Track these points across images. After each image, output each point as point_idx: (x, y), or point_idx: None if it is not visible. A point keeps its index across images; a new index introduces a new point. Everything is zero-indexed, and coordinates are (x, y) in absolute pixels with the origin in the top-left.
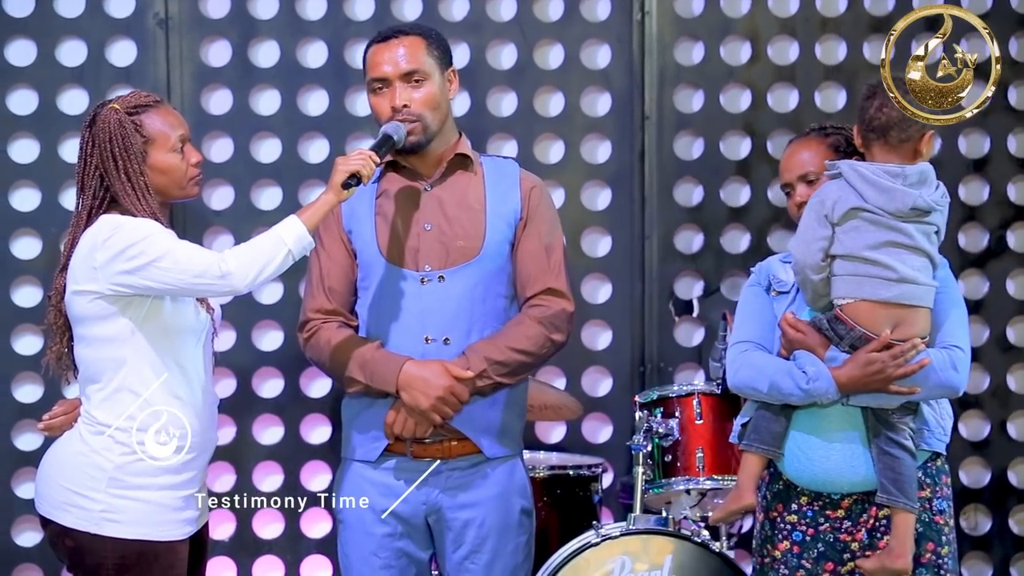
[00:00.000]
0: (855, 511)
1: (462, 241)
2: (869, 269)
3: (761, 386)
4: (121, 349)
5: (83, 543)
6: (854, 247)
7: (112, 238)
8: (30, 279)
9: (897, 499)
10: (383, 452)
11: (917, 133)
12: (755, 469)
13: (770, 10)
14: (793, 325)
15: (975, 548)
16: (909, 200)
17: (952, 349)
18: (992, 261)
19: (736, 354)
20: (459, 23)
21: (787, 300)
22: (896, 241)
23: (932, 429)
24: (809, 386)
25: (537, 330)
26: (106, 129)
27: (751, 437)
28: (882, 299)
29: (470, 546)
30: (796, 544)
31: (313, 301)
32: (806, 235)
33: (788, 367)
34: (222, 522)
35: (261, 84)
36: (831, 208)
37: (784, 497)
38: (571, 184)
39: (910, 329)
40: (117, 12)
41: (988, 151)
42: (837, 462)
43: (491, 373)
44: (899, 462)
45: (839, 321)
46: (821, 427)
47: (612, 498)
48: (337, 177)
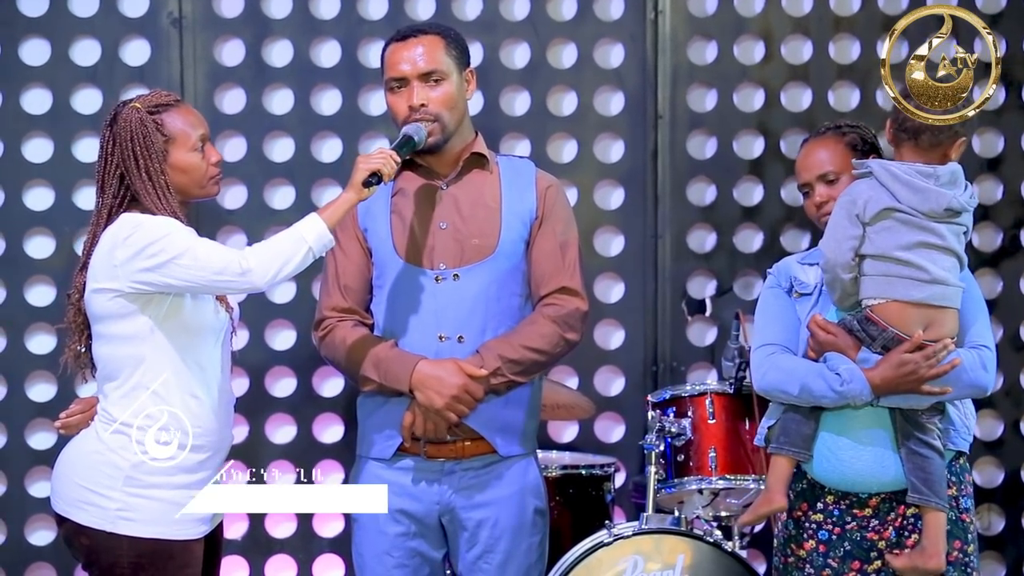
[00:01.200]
0: (883, 510)
1: (477, 240)
2: (901, 270)
3: (792, 389)
4: (140, 347)
5: (99, 541)
6: (886, 247)
7: (133, 236)
8: (44, 278)
9: (929, 498)
10: (397, 451)
11: (949, 139)
12: (785, 472)
13: (784, 9)
14: (823, 327)
15: (988, 548)
16: (944, 201)
17: (981, 349)
18: (1006, 260)
19: (763, 357)
20: (472, 22)
21: (810, 302)
22: (928, 242)
23: (958, 429)
24: (843, 388)
25: (551, 329)
26: (127, 128)
27: (780, 440)
28: (913, 300)
29: (484, 546)
30: (822, 543)
31: (329, 299)
32: (837, 233)
33: (820, 369)
34: (235, 521)
35: (275, 83)
36: (863, 207)
37: (808, 496)
38: (584, 183)
39: (940, 330)
40: (131, 11)
41: (1002, 150)
42: (867, 463)
43: (505, 371)
44: (929, 462)
45: (870, 322)
46: (850, 428)
47: (624, 498)
48: (358, 175)
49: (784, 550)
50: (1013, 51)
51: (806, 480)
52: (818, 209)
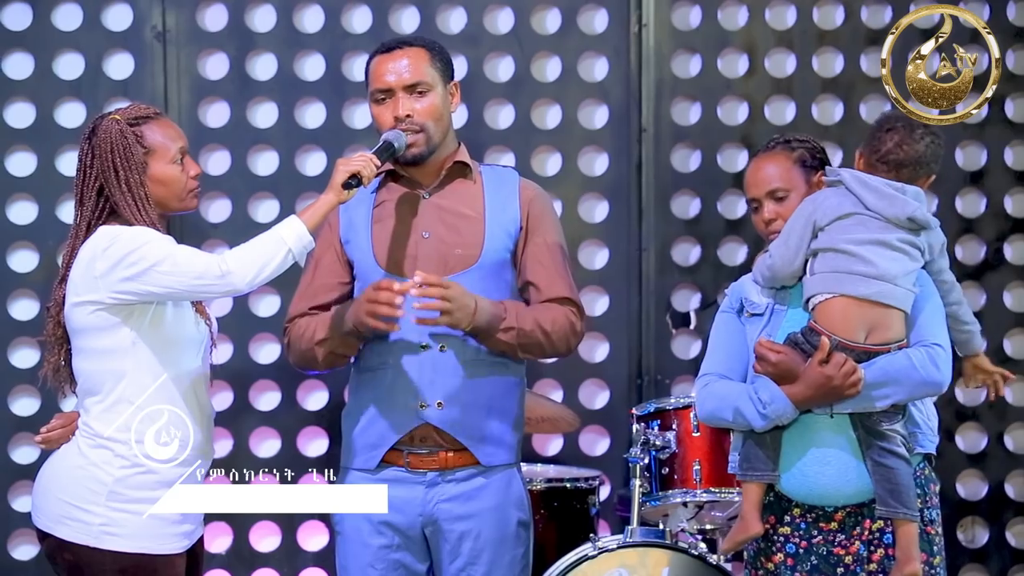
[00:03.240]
0: (848, 524)
1: (460, 249)
2: (849, 264)
3: (727, 415)
4: (121, 361)
5: (82, 557)
6: (836, 240)
7: (112, 247)
8: (27, 292)
9: (897, 510)
10: (381, 462)
11: (924, 174)
12: (756, 497)
13: (767, 23)
14: (771, 349)
15: (973, 560)
16: (909, 209)
17: (932, 347)
18: (989, 273)
19: (700, 387)
20: (457, 35)
21: (761, 323)
22: (883, 240)
23: (923, 430)
24: (766, 410)
25: (565, 322)
26: (107, 139)
27: (744, 467)
28: (860, 295)
29: (466, 558)
30: (790, 556)
31: (293, 311)
32: (791, 240)
33: (749, 393)
34: (219, 535)
35: (259, 97)
36: (822, 213)
37: (776, 509)
38: (568, 196)
39: (885, 333)
40: (115, 25)
41: (985, 163)
42: (832, 476)
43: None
44: (895, 472)
45: (814, 332)
46: (813, 442)
47: (609, 511)
48: (338, 177)
49: (755, 563)
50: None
51: (773, 493)
52: (766, 225)
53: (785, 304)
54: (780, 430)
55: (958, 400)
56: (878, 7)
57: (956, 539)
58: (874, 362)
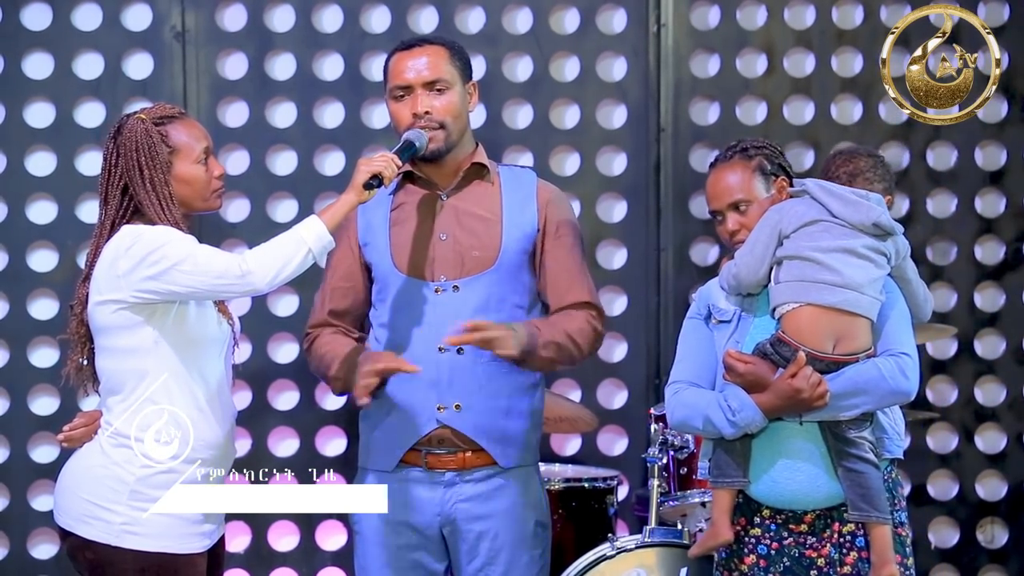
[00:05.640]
0: (818, 527)
1: (477, 251)
2: (815, 272)
3: (697, 423)
4: (144, 360)
5: (104, 555)
6: (801, 248)
7: (134, 247)
8: (47, 292)
9: (869, 513)
10: (399, 463)
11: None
12: (727, 503)
13: (786, 22)
14: (739, 359)
15: (992, 561)
16: (874, 215)
17: (900, 356)
18: (1008, 274)
19: (670, 395)
20: (475, 35)
21: (728, 330)
22: (848, 247)
23: (891, 436)
24: (735, 418)
25: (590, 329)
26: (132, 139)
27: (715, 474)
28: (826, 304)
29: (484, 558)
30: (762, 558)
31: (314, 318)
32: (756, 250)
33: (718, 401)
34: (237, 534)
35: (277, 97)
36: (788, 222)
37: (746, 511)
38: (587, 196)
39: (852, 343)
40: (134, 25)
41: (1005, 163)
42: (802, 483)
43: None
44: (865, 477)
45: (782, 343)
46: (784, 449)
47: (627, 511)
48: (359, 177)
49: (727, 565)
50: (1016, 63)
51: (742, 495)
52: (731, 236)
53: (752, 312)
54: (750, 437)
55: (977, 401)
56: (897, 6)
57: (976, 540)
58: (843, 372)
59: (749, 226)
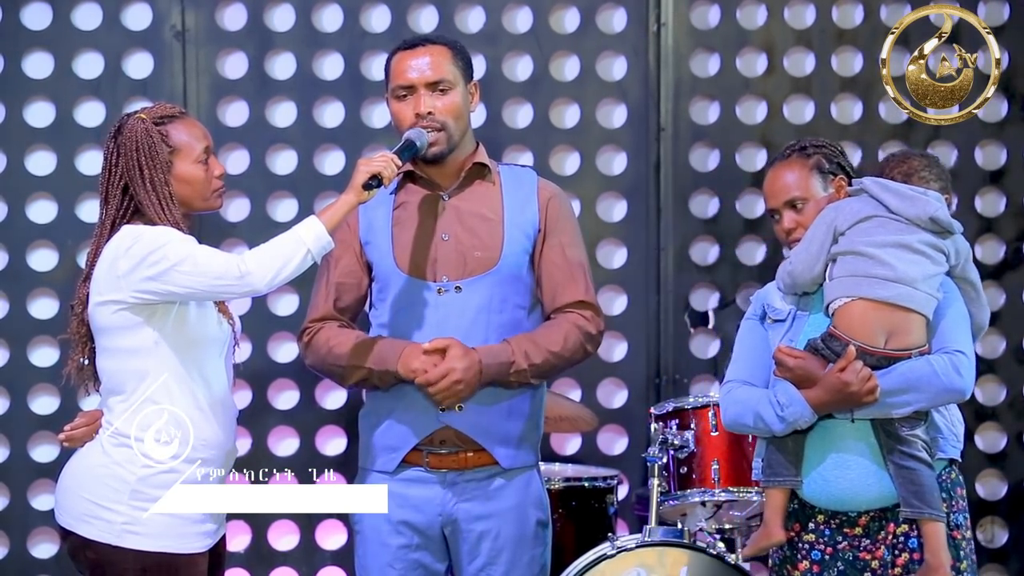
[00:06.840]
0: (872, 528)
1: (479, 252)
2: (868, 267)
3: (748, 420)
4: (145, 361)
5: (104, 555)
6: (856, 243)
7: (134, 247)
8: (47, 291)
9: (922, 510)
10: (400, 463)
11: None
12: (779, 503)
13: (786, 22)
14: (790, 355)
15: (992, 560)
16: (931, 209)
17: (955, 354)
18: (1009, 273)
19: (724, 394)
20: (475, 35)
21: (783, 328)
22: (903, 242)
23: (946, 436)
24: (784, 413)
25: (576, 336)
26: (133, 138)
27: (767, 472)
28: (879, 298)
29: (485, 558)
30: (816, 563)
31: (317, 312)
32: (812, 247)
33: (768, 397)
34: (238, 534)
35: (277, 96)
36: (844, 219)
37: (800, 516)
38: (587, 196)
39: (905, 338)
40: (134, 24)
41: (1005, 162)
42: (853, 481)
43: (528, 374)
44: (917, 473)
45: (834, 338)
46: (835, 447)
47: (627, 510)
48: (359, 177)
49: (780, 571)
50: (1016, 63)
51: (796, 500)
52: (787, 235)
53: (807, 310)
54: (802, 435)
55: (977, 400)
56: (897, 6)
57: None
58: (894, 368)
59: (805, 225)
